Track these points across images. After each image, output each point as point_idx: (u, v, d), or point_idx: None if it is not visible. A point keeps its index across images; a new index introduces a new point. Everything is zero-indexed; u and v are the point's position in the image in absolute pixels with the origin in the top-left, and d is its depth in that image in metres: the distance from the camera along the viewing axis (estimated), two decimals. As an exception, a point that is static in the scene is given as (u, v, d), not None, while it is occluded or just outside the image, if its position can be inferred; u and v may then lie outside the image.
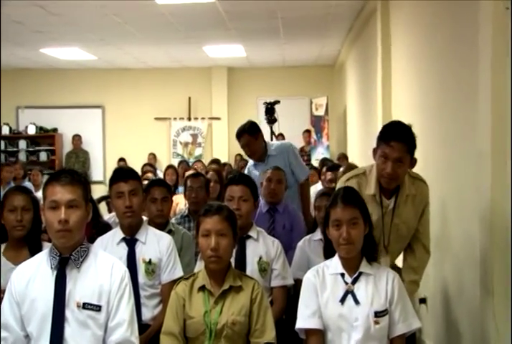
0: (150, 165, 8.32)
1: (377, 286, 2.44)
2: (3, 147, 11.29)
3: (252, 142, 4.62)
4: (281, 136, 9.53)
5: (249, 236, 3.18)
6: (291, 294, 3.20)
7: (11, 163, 7.92)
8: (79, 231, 2.27)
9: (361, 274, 2.46)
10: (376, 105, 5.96)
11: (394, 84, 5.49)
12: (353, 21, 7.54)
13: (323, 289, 2.46)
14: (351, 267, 2.47)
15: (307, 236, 3.50)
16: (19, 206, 2.98)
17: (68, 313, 2.21)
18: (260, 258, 3.12)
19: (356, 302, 2.41)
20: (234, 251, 2.86)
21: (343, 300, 2.42)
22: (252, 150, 4.68)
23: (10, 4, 6.20)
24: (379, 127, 5.90)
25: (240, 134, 4.63)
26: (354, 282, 2.45)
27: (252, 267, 3.09)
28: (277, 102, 6.87)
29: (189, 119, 11.75)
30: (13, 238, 3.02)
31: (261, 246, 3.17)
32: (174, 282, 2.74)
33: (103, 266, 2.30)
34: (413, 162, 2.83)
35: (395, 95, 5.45)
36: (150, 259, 3.01)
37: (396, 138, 2.75)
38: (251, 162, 4.86)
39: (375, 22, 6.01)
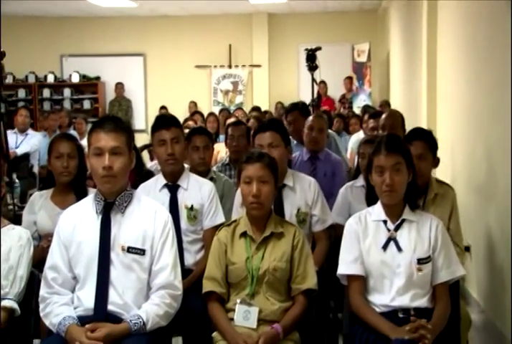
0: (198, 112, 8.23)
1: (420, 233, 2.40)
2: (48, 96, 11.41)
3: (300, 121, 4.33)
4: (323, 83, 9.35)
5: (285, 185, 3.11)
6: (332, 239, 3.18)
7: (57, 111, 8.00)
8: (123, 177, 2.29)
9: (403, 221, 2.43)
10: (421, 51, 5.75)
11: (440, 28, 5.27)
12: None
13: (365, 235, 2.43)
14: (394, 214, 2.43)
15: (350, 183, 3.46)
16: (65, 153, 3.03)
17: (113, 256, 2.25)
18: (299, 210, 3.07)
19: (399, 249, 2.38)
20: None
21: (385, 247, 2.39)
22: (296, 129, 4.35)
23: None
24: (424, 75, 5.71)
25: (292, 109, 4.49)
26: (397, 228, 2.42)
27: (290, 219, 3.02)
28: (319, 48, 6.66)
29: (230, 66, 11.61)
30: (60, 183, 3.09)
31: (298, 196, 3.09)
32: (216, 228, 2.75)
33: (147, 212, 2.32)
34: (436, 161, 3.02)
35: (440, 40, 5.24)
36: (192, 205, 3.01)
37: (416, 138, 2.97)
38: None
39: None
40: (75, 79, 11.49)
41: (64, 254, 2.29)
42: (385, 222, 2.43)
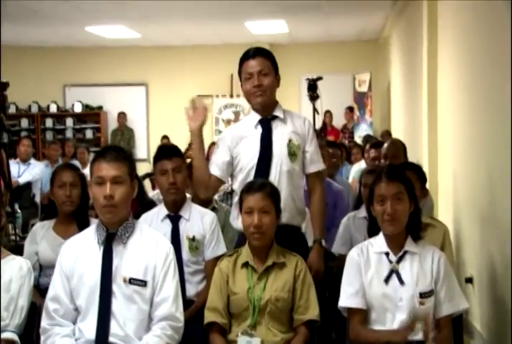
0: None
1: (422, 265, 2.39)
2: (51, 125, 11.50)
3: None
4: (328, 113, 9.39)
5: (276, 117, 2.96)
6: (334, 270, 3.18)
7: (58, 141, 8.05)
8: (125, 207, 2.30)
9: (406, 252, 2.42)
10: (422, 80, 5.82)
11: (440, 58, 5.34)
12: (398, -6, 7.35)
13: (367, 267, 2.43)
14: (396, 245, 2.42)
15: (352, 213, 3.47)
16: (67, 182, 3.07)
17: (115, 288, 2.25)
18: (290, 141, 2.91)
19: (401, 281, 2.37)
20: (259, 134, 2.88)
21: (387, 280, 2.38)
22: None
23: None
24: (424, 104, 5.76)
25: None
26: (399, 260, 2.41)
27: (280, 151, 2.89)
28: (320, 78, 6.71)
29: (231, 96, 11.73)
30: (62, 213, 3.11)
31: (289, 128, 2.94)
32: (217, 259, 2.76)
33: (149, 242, 2.33)
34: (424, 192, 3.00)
35: (441, 70, 5.31)
36: (193, 236, 3.02)
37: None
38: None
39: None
40: (78, 108, 11.60)
41: (66, 285, 2.29)
42: (387, 254, 2.43)
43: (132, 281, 2.26)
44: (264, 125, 2.95)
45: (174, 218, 3.06)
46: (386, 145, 4.10)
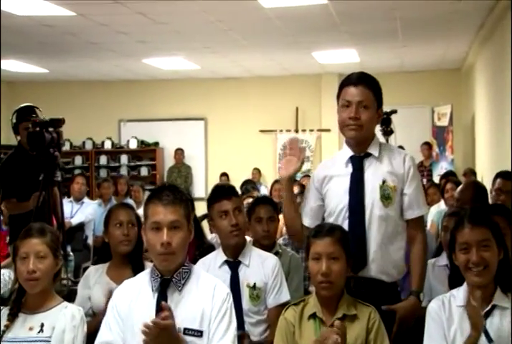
0: (251, 181, 8.38)
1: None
2: (105, 163, 11.89)
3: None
4: (401, 149, 9.32)
5: (370, 154, 2.86)
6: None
7: (111, 179, 8.24)
8: (182, 253, 2.33)
9: (494, 307, 2.36)
10: (510, 114, 5.72)
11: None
12: (484, 19, 7.29)
13: (450, 322, 2.38)
14: (483, 299, 2.36)
15: (432, 261, 3.40)
16: (124, 221, 3.15)
17: (169, 339, 2.26)
18: (384, 182, 2.79)
19: (489, 340, 2.30)
20: (350, 174, 2.81)
21: (473, 338, 2.32)
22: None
23: (113, 13, 6.56)
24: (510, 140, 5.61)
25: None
26: (486, 316, 2.34)
27: (371, 193, 2.78)
28: (394, 111, 6.75)
29: (296, 131, 11.81)
30: (117, 256, 3.18)
31: (385, 167, 2.82)
32: (281, 307, 2.75)
33: (205, 289, 2.34)
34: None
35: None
36: (254, 284, 3.02)
37: None
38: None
39: (509, 19, 5.78)
40: (133, 145, 11.96)
41: (119, 331, 2.32)
42: (472, 308, 2.37)
43: (186, 331, 2.26)
44: (355, 163, 2.87)
45: (233, 264, 3.07)
46: (459, 188, 4.00)
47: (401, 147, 9.29)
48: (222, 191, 3.13)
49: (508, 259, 2.41)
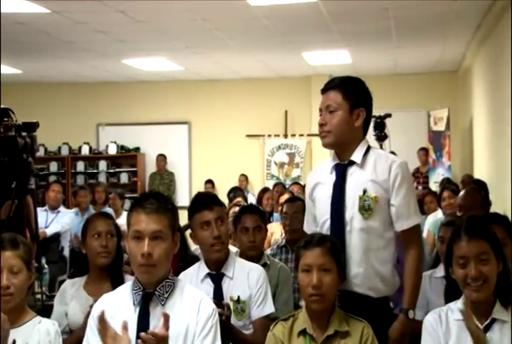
0: (238, 189, 8.40)
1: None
2: (82, 169, 11.84)
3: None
4: (392, 155, 9.38)
5: (352, 162, 2.87)
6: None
7: (88, 186, 8.20)
8: (165, 265, 2.33)
9: (494, 320, 2.37)
10: (510, 118, 5.76)
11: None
12: (482, 19, 7.35)
13: (447, 336, 2.39)
14: (481, 312, 2.38)
15: (428, 272, 3.42)
16: (103, 231, 3.15)
17: (151, 355, 2.26)
18: (365, 192, 2.79)
19: (489, 355, 2.32)
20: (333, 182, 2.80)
21: (472, 352, 2.33)
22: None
23: (91, 11, 6.55)
24: (510, 144, 5.67)
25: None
26: (486, 330, 2.36)
27: (352, 204, 2.79)
28: (388, 115, 6.82)
29: (285, 136, 11.83)
30: (95, 268, 3.16)
31: (368, 174, 2.83)
32: (265, 319, 2.74)
33: (190, 304, 2.34)
34: None
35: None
36: (238, 297, 3.02)
37: None
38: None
39: (509, 19, 5.84)
40: (112, 150, 11.92)
41: None
42: (470, 321, 2.38)
43: (170, 348, 2.26)
44: (338, 172, 2.87)
45: (216, 277, 3.06)
46: (461, 194, 4.05)
47: (392, 152, 9.36)
48: (203, 200, 3.12)
49: (508, 270, 2.42)
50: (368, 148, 2.91)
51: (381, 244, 2.82)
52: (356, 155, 2.87)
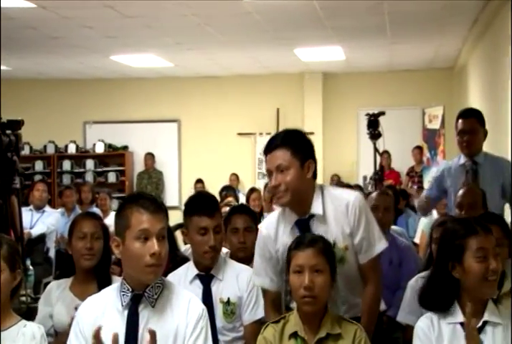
0: (230, 188, 8.40)
1: (507, 339, 2.35)
2: (69, 168, 11.81)
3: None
4: (386, 154, 9.43)
5: (313, 215, 2.84)
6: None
7: (74, 186, 8.18)
8: (165, 265, 2.36)
9: (486, 323, 2.38)
10: (507, 116, 5.79)
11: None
12: (478, 15, 7.38)
13: (439, 341, 2.40)
14: (474, 314, 2.38)
15: (422, 274, 3.42)
16: (88, 232, 3.14)
17: (140, 358, 2.26)
18: (334, 245, 2.76)
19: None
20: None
21: (464, 356, 2.35)
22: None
23: (78, 5, 6.54)
24: (509, 143, 5.72)
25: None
26: (478, 333, 2.36)
27: None
28: (382, 113, 6.81)
29: (278, 134, 11.82)
30: (81, 270, 3.16)
31: (333, 227, 2.81)
32: (257, 323, 2.74)
33: (179, 304, 2.34)
34: None
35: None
36: (228, 298, 3.02)
37: None
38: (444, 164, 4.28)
39: (507, 14, 5.86)
40: (99, 149, 11.91)
41: None
42: (462, 325, 2.39)
43: (159, 351, 2.27)
44: (301, 229, 2.81)
45: (205, 278, 3.07)
46: (461, 192, 4.08)
47: (386, 151, 9.37)
48: (205, 205, 3.09)
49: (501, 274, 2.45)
50: (322, 192, 2.87)
51: (358, 279, 2.87)
52: (316, 207, 2.83)
